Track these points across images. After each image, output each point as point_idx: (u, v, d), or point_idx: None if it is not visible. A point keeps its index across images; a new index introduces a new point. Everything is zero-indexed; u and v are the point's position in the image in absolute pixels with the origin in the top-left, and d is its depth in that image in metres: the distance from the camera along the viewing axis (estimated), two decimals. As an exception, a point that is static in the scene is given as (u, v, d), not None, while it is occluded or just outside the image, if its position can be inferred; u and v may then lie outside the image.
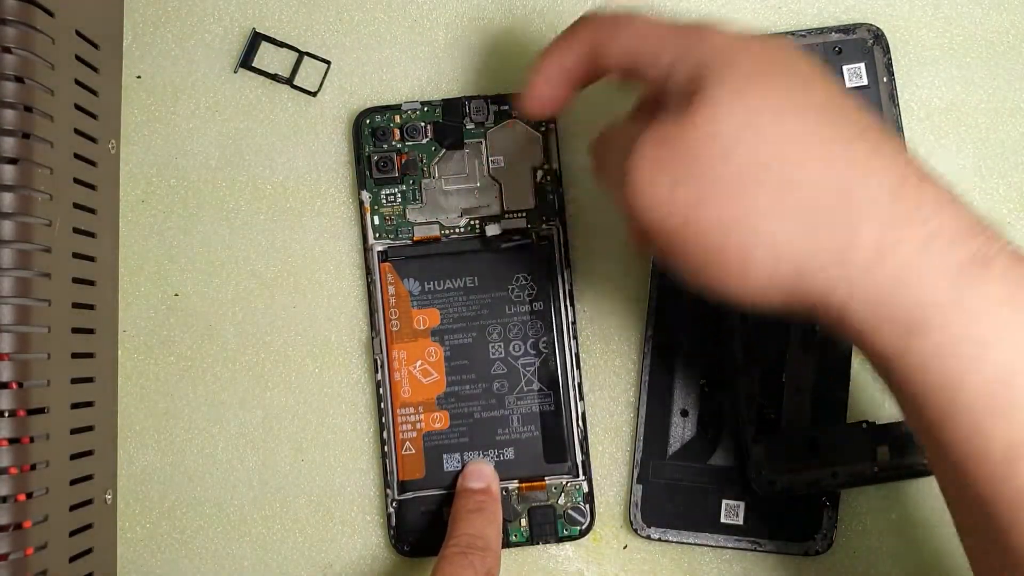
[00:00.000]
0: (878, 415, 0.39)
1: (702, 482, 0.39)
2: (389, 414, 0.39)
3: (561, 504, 0.39)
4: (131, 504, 0.40)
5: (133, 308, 0.41)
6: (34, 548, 0.32)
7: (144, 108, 0.42)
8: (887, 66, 0.40)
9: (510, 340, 0.40)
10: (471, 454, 0.39)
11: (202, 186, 0.41)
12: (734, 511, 0.39)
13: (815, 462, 0.38)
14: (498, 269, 0.40)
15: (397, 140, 0.40)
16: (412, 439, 0.39)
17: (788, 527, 0.39)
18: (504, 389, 0.39)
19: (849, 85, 0.40)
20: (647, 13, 0.30)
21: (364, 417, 0.41)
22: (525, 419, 0.39)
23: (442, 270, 0.40)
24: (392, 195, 0.40)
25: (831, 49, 0.40)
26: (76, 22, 0.37)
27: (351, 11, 0.42)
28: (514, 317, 0.40)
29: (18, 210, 0.32)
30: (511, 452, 0.39)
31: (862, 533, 0.40)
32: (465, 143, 0.40)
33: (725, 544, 0.39)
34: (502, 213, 0.40)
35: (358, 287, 0.41)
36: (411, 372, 0.40)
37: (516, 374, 0.39)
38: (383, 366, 0.39)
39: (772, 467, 0.38)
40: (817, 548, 0.39)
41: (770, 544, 0.39)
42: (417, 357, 0.40)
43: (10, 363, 0.32)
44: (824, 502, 0.39)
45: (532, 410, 0.39)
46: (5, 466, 0.31)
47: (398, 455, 0.39)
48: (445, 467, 0.39)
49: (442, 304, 0.40)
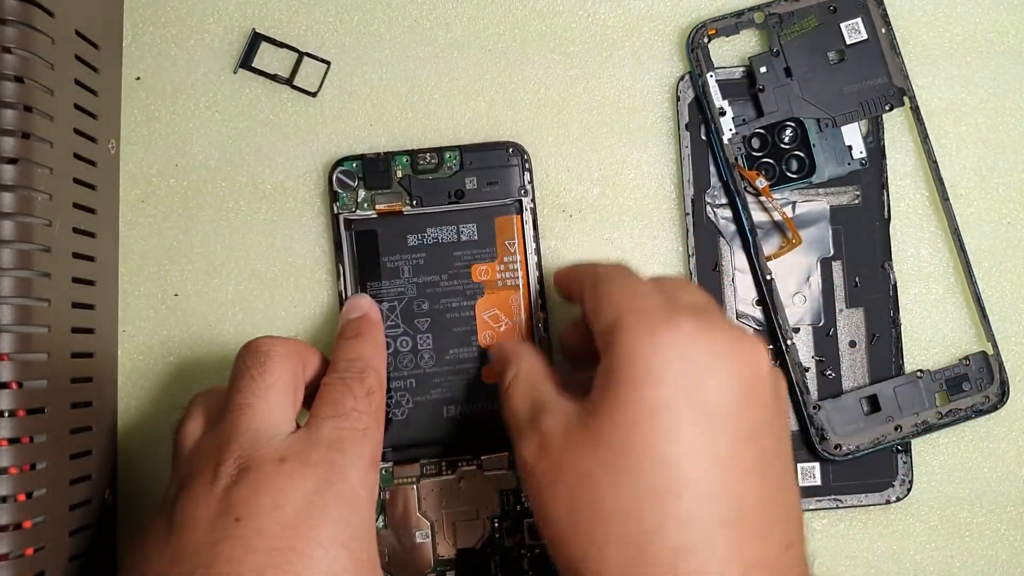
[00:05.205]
0: (933, 362, 0.40)
1: None
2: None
3: None
4: (131, 504, 0.40)
5: (133, 308, 0.41)
6: (34, 548, 0.32)
7: (144, 108, 0.42)
8: (883, 17, 0.41)
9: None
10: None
11: (202, 186, 0.41)
12: (810, 473, 0.40)
13: (878, 419, 0.39)
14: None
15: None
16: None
17: (865, 479, 0.40)
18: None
19: (850, 41, 0.40)
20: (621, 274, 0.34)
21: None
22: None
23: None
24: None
25: (826, 8, 0.41)
26: (76, 22, 0.37)
27: (351, 11, 0.42)
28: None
29: (18, 210, 0.32)
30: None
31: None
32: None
33: (807, 507, 0.40)
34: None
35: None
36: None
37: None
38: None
39: (836, 431, 0.39)
40: (897, 495, 0.40)
41: (851, 499, 0.40)
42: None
43: (10, 363, 0.32)
44: (896, 448, 0.40)
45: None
46: (5, 466, 0.31)
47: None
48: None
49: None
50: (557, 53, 0.42)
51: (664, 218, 0.41)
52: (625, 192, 0.41)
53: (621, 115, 0.42)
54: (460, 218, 0.40)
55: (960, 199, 0.41)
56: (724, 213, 0.41)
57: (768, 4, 0.41)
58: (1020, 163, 0.42)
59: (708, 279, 0.41)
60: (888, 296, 0.40)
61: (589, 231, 0.41)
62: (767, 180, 0.40)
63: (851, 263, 0.41)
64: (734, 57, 0.41)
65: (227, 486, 0.30)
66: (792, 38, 0.40)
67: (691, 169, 0.41)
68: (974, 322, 0.41)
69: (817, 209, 0.41)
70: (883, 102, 0.40)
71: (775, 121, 0.40)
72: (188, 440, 0.33)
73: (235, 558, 0.28)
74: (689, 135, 0.41)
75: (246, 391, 0.32)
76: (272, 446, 0.31)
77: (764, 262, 0.40)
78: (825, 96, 0.40)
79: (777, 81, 0.40)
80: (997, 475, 0.41)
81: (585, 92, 0.42)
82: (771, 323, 0.40)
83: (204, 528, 0.29)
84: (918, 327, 0.41)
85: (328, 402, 0.33)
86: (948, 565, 0.41)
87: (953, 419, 0.40)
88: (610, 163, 0.41)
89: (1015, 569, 0.41)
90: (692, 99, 0.41)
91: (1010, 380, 0.40)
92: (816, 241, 0.41)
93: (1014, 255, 0.41)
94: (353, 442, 0.32)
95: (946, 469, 0.41)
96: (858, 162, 0.40)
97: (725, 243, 0.41)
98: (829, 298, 0.41)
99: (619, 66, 0.42)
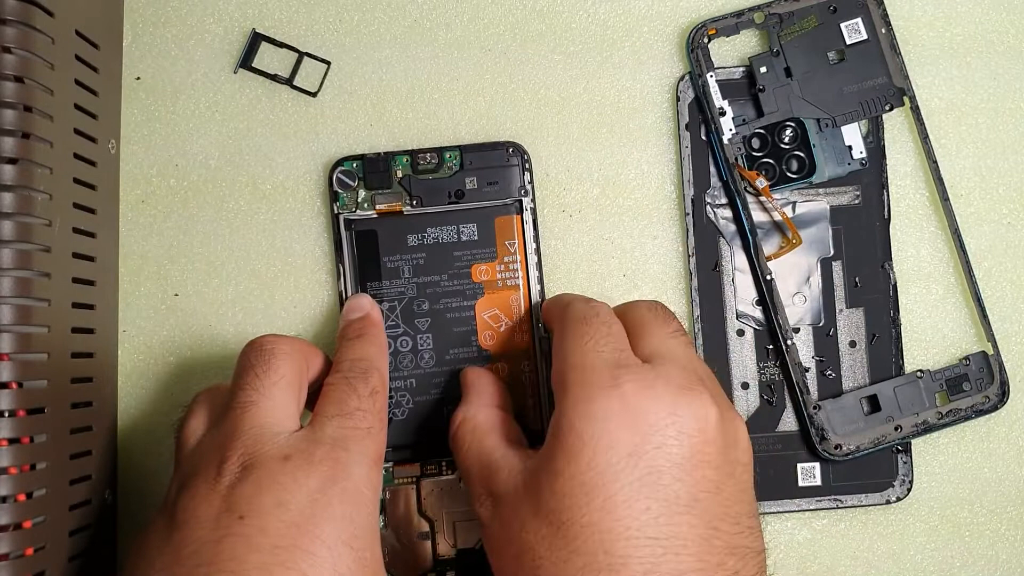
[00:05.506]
0: (933, 362, 0.41)
1: (774, 450, 0.40)
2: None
3: None
4: (131, 504, 0.40)
5: (133, 308, 0.41)
6: (34, 548, 0.32)
7: (144, 108, 0.42)
8: (883, 17, 0.41)
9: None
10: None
11: (202, 186, 0.41)
12: (810, 473, 0.40)
13: (878, 419, 0.39)
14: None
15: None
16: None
17: (866, 479, 0.40)
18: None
19: (850, 41, 0.40)
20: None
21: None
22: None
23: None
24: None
25: (826, 8, 0.41)
26: (76, 22, 0.37)
27: (351, 11, 0.42)
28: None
29: (18, 210, 0.32)
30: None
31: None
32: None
33: (807, 507, 0.40)
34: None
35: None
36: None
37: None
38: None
39: (836, 431, 0.39)
40: (897, 495, 0.40)
41: (851, 499, 0.40)
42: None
43: (10, 363, 0.32)
44: (896, 448, 0.40)
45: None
46: (5, 466, 0.31)
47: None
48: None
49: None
50: (557, 53, 0.42)
51: (664, 218, 0.41)
52: (625, 192, 0.41)
53: (621, 115, 0.42)
54: (460, 218, 0.40)
55: (960, 199, 0.41)
56: (724, 213, 0.41)
57: (768, 4, 0.41)
58: (1020, 163, 0.42)
59: (708, 279, 0.41)
60: (888, 296, 0.40)
61: (589, 231, 0.41)
62: (767, 180, 0.40)
63: (851, 263, 0.41)
64: (734, 57, 0.41)
65: (230, 484, 0.30)
66: (792, 38, 0.40)
67: (691, 169, 0.41)
68: (974, 322, 0.41)
69: (817, 209, 0.41)
70: (883, 102, 0.40)
71: (775, 121, 0.40)
72: (191, 438, 0.33)
73: (238, 556, 0.28)
74: (689, 135, 0.41)
75: (250, 389, 0.32)
76: (276, 444, 0.31)
77: (764, 262, 0.40)
78: (825, 96, 0.40)
79: (777, 81, 0.40)
80: (997, 475, 0.41)
81: (585, 92, 0.42)
82: (771, 323, 0.40)
83: (207, 526, 0.29)
84: (918, 327, 0.41)
85: (332, 401, 0.33)
86: (948, 565, 0.41)
87: (953, 419, 0.40)
88: (610, 163, 0.41)
89: (1015, 569, 0.41)
90: (692, 99, 0.41)
91: (1010, 380, 0.40)
92: (816, 241, 0.41)
93: (1014, 255, 0.42)
94: (357, 441, 0.32)
95: (946, 469, 0.41)
96: (858, 162, 0.40)
97: (725, 243, 0.41)
98: (829, 298, 0.41)
99: (619, 66, 0.42)
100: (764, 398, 0.40)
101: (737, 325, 0.40)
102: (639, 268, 0.41)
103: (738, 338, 0.40)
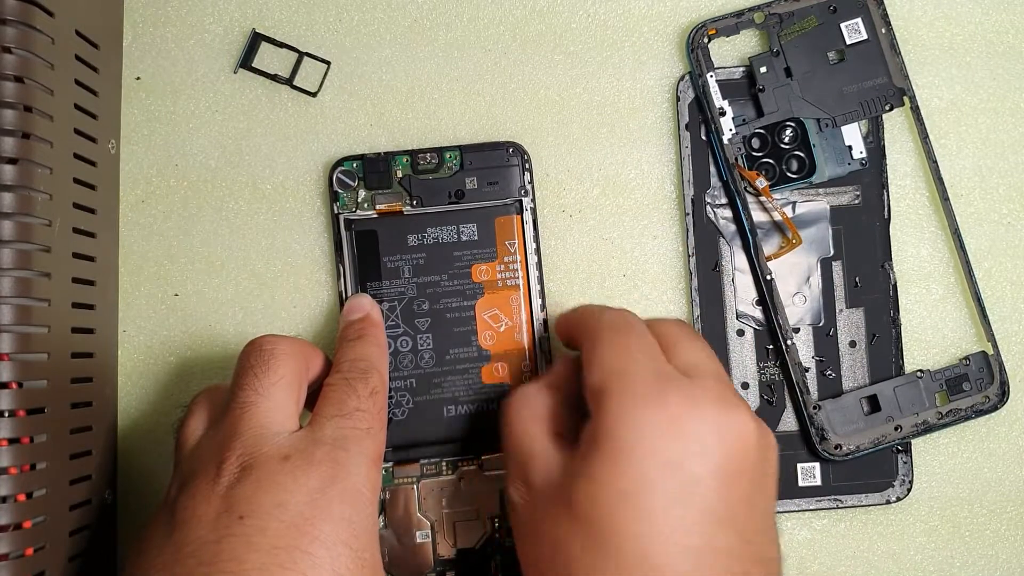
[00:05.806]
0: (933, 362, 0.41)
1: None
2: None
3: None
4: (131, 504, 0.40)
5: (133, 308, 0.41)
6: (34, 548, 0.32)
7: (144, 108, 0.42)
8: (883, 17, 0.41)
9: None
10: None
11: (202, 186, 0.41)
12: (810, 473, 0.40)
13: (878, 419, 0.39)
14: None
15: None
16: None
17: (866, 479, 0.40)
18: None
19: (850, 41, 0.40)
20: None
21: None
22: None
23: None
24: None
25: (826, 8, 0.41)
26: (76, 22, 0.37)
27: (351, 11, 0.42)
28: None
29: (18, 210, 0.32)
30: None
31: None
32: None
33: (807, 507, 0.40)
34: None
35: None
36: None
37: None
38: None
39: (836, 431, 0.39)
40: (897, 495, 0.40)
41: (851, 499, 0.40)
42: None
43: (10, 363, 0.32)
44: (896, 448, 0.40)
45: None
46: (5, 466, 0.31)
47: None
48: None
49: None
50: (557, 53, 0.42)
51: (664, 218, 0.41)
52: (625, 192, 0.41)
53: (621, 115, 0.42)
54: (460, 218, 0.40)
55: (960, 199, 0.41)
56: (724, 213, 0.41)
57: (768, 4, 0.41)
58: (1020, 163, 0.42)
59: (708, 279, 0.41)
60: (888, 296, 0.40)
61: (589, 231, 0.41)
62: (767, 180, 0.40)
63: (851, 263, 0.41)
64: (734, 57, 0.41)
65: (230, 484, 0.30)
66: (792, 38, 0.40)
67: (691, 169, 0.41)
68: (974, 322, 0.41)
69: (817, 209, 0.41)
70: (883, 102, 0.40)
71: (775, 121, 0.40)
72: (190, 438, 0.33)
73: (237, 556, 0.28)
74: (689, 135, 0.41)
75: (249, 389, 0.32)
76: (275, 444, 0.31)
77: (764, 262, 0.40)
78: (825, 96, 0.40)
79: (777, 81, 0.40)
80: (997, 475, 0.41)
81: (585, 92, 0.42)
82: (771, 323, 0.40)
83: (206, 526, 0.29)
84: (918, 327, 0.41)
85: (332, 402, 0.33)
86: (948, 565, 0.41)
87: (953, 419, 0.40)
88: (610, 163, 0.41)
89: (1015, 569, 0.41)
90: (692, 99, 0.41)
91: (1010, 380, 0.40)
92: (816, 241, 0.41)
93: (1014, 255, 0.42)
94: (357, 441, 0.32)
95: (946, 469, 0.41)
96: (858, 162, 0.40)
97: (725, 243, 0.41)
98: (829, 298, 0.41)
99: (619, 66, 0.42)
100: (764, 398, 0.40)
101: (737, 325, 0.40)
102: (639, 268, 0.41)
103: (738, 338, 0.40)
